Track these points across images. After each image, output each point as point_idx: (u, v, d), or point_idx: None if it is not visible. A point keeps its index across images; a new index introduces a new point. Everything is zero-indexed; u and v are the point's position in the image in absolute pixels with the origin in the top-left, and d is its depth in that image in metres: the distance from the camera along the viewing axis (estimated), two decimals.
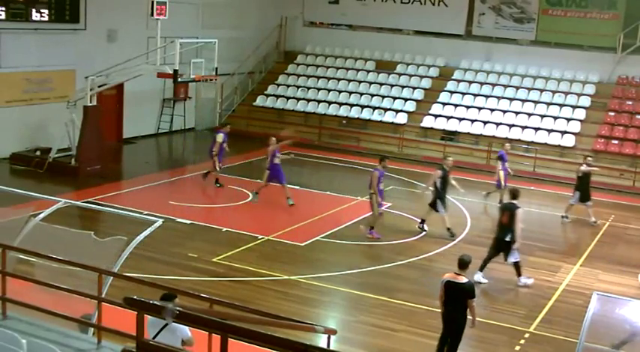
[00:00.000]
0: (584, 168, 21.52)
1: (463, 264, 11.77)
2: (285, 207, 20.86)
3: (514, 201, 16.24)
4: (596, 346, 13.09)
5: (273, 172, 21.26)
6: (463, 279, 11.58)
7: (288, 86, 33.87)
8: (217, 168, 22.74)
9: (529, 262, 17.69)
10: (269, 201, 21.83)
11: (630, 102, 30.04)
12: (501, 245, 16.10)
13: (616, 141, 28.69)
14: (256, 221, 20.04)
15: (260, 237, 18.32)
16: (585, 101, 30.55)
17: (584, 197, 21.41)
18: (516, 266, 16.20)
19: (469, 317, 11.69)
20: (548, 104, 30.59)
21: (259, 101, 33.38)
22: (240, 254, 17.09)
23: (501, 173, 22.48)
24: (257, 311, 10.14)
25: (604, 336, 13.38)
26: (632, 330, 12.03)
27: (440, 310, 11.96)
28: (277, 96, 33.34)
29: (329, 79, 33.83)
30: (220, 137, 22.76)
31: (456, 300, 11.59)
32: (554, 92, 31.08)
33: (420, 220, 19.82)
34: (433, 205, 19.41)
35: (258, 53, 35.36)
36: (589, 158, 22.33)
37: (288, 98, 33.16)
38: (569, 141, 28.88)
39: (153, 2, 22.85)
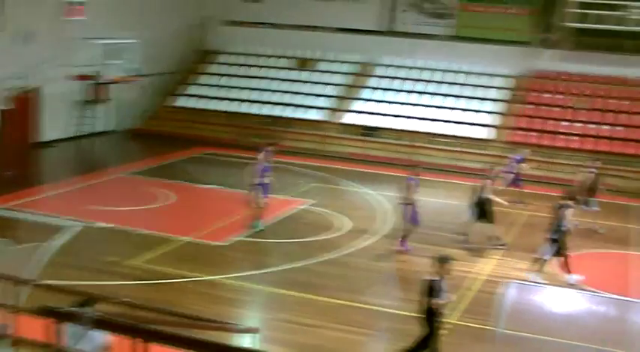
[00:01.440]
0: (590, 173, 20.87)
1: (437, 261, 11.68)
2: (206, 207, 20.69)
3: (569, 202, 16.58)
4: (514, 332, 13.50)
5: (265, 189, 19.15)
6: (428, 276, 11.67)
7: (210, 86, 33.68)
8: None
9: (449, 254, 17.97)
10: (190, 202, 21.69)
11: (548, 95, 30.83)
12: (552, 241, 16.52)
13: (534, 133, 29.38)
14: (177, 222, 19.82)
15: (181, 238, 18.18)
16: (505, 95, 31.25)
17: (588, 202, 20.81)
18: (542, 262, 16.43)
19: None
20: (470, 98, 31.17)
21: (180, 102, 33.13)
22: (162, 256, 16.91)
23: (509, 175, 22.50)
24: (179, 313, 10.08)
25: (522, 322, 13.77)
26: None
27: None
28: (199, 97, 33.12)
29: (251, 77, 33.74)
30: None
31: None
32: (475, 86, 31.68)
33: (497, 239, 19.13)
34: (486, 216, 19.00)
35: (179, 53, 35.04)
36: (597, 161, 21.67)
37: (209, 98, 32.98)
38: (490, 134, 29.44)
39: (70, 3, 22.53)
